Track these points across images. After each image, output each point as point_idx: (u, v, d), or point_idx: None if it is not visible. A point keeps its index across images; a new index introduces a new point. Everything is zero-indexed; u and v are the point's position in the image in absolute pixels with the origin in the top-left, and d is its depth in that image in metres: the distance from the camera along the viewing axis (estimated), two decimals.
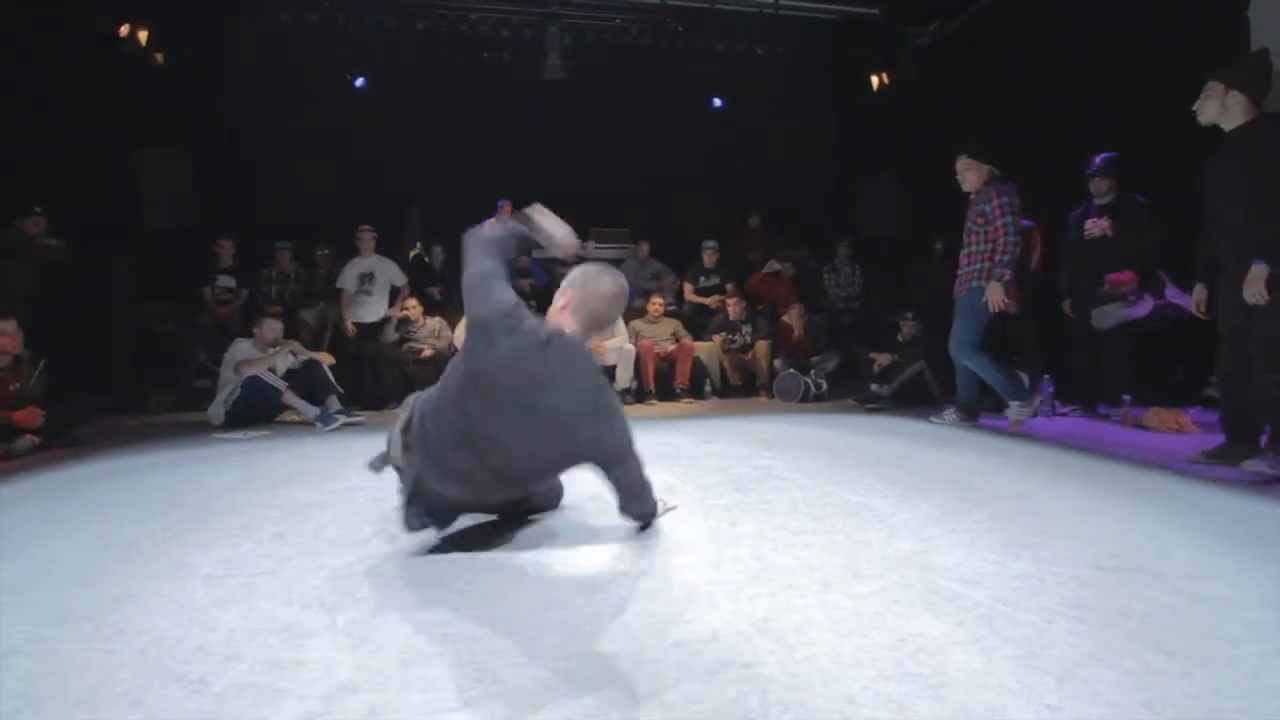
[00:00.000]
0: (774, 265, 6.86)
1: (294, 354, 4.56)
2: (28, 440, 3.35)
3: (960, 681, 1.10)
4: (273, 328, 4.64)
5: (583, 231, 7.43)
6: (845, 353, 6.00)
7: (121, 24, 6.11)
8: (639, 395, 5.48)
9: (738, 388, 5.88)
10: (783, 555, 1.72)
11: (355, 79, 8.04)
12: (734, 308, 6.05)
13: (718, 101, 8.62)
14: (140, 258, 5.83)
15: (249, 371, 4.30)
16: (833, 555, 1.71)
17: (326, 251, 6.49)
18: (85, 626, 1.37)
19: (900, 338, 5.42)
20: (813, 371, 5.63)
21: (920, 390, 5.03)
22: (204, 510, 2.29)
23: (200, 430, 4.26)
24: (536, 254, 7.24)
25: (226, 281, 6.04)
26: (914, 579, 1.54)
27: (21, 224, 5.00)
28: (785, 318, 5.99)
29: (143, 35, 6.18)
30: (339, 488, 2.57)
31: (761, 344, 5.86)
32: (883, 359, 5.25)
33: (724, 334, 5.92)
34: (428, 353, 5.37)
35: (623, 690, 1.09)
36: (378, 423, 4.54)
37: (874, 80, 7.48)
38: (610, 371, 5.39)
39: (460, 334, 5.36)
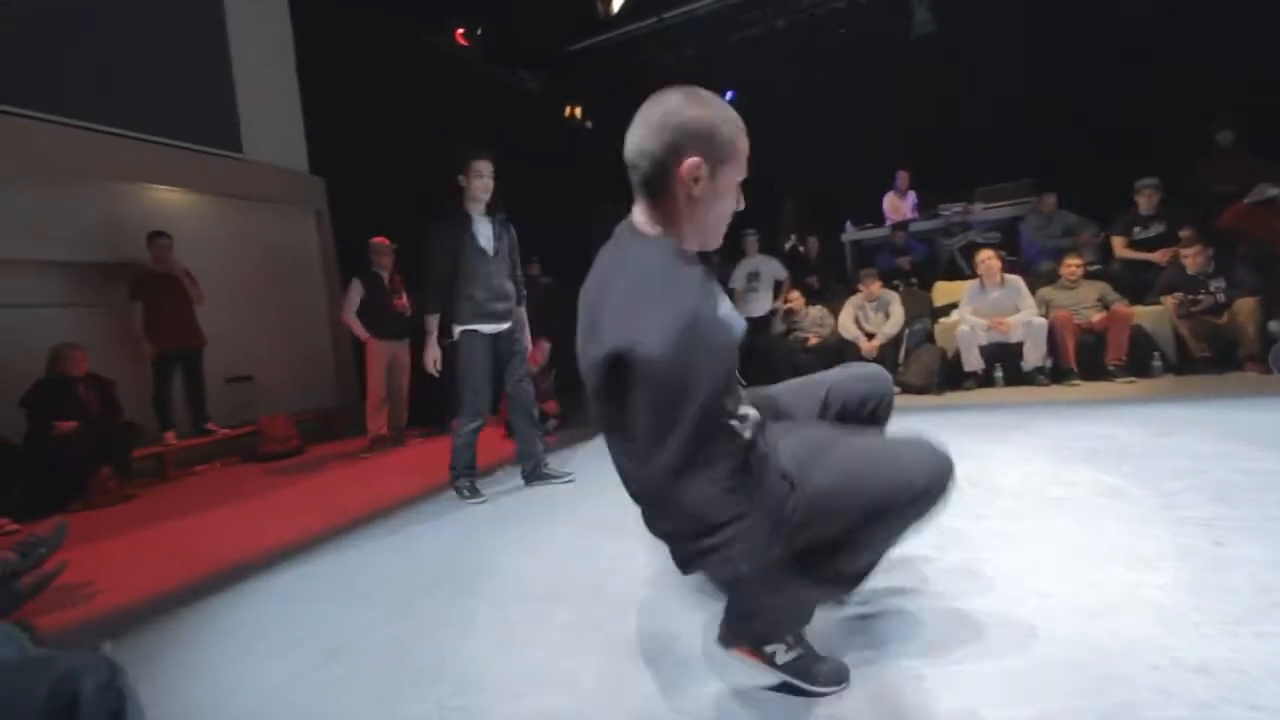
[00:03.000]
0: (1267, 190, 5.04)
1: None
2: (553, 423, 4.87)
3: None
4: None
5: (967, 194, 6.78)
6: None
7: (567, 106, 8.10)
8: (1056, 375, 4.76)
9: (1206, 361, 4.56)
10: None
11: (726, 94, 8.92)
12: (1194, 259, 4.71)
13: None
14: None
15: None
16: None
17: (717, 257, 7.41)
18: (641, 558, 2.04)
19: None
20: None
21: None
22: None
23: None
24: (914, 228, 6.92)
25: None
26: None
27: (527, 269, 7.12)
28: None
29: (578, 112, 8.06)
30: None
31: (1245, 302, 4.41)
32: None
33: (1180, 294, 4.67)
34: (814, 340, 5.69)
35: (1094, 698, 1.13)
36: None
37: None
38: (1017, 349, 4.85)
39: (845, 320, 5.53)
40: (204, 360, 5.01)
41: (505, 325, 3.13)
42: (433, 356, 3.09)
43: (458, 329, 3.04)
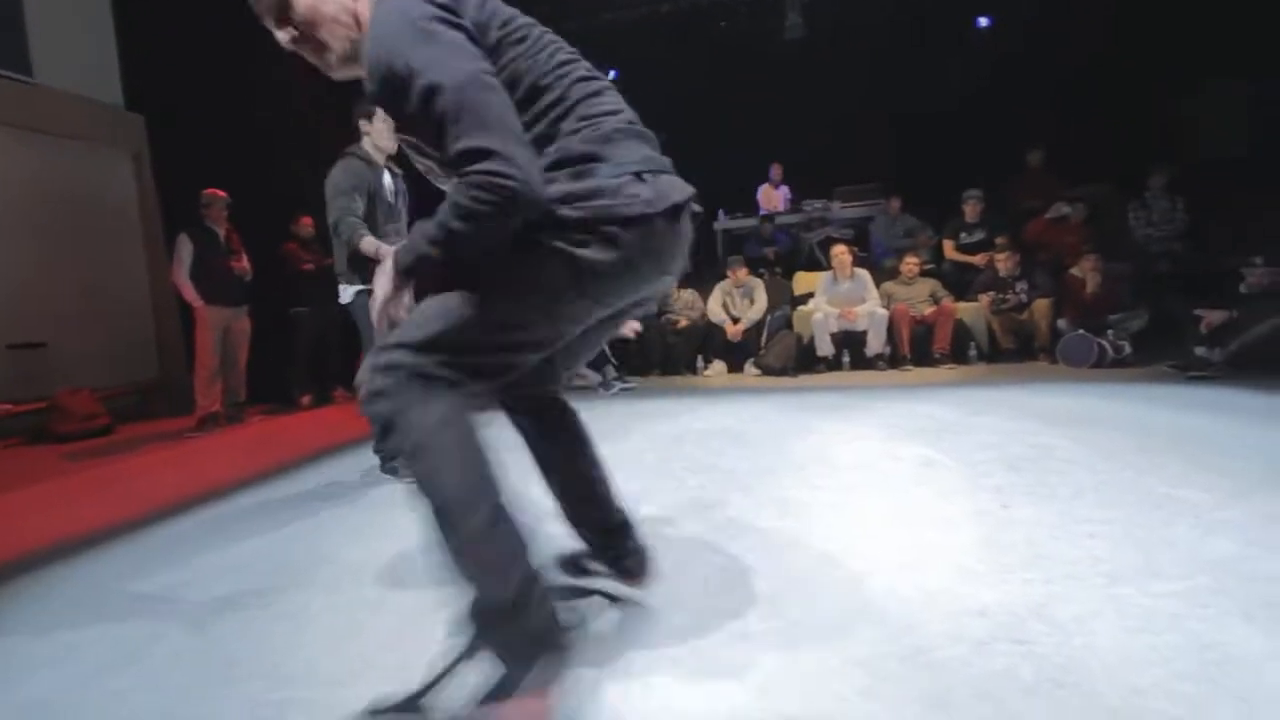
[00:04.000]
0: (1061, 209, 5.91)
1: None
2: None
3: None
4: None
5: (826, 191, 7.28)
6: (1157, 309, 4.99)
7: None
8: (893, 361, 5.30)
9: (1010, 352, 5.30)
10: (1063, 544, 1.68)
11: (609, 72, 8.86)
12: (1005, 263, 5.42)
13: (984, 21, 7.57)
14: None
15: None
16: (1126, 549, 1.63)
17: None
18: None
19: (1243, 288, 4.34)
20: (1110, 332, 4.82)
21: (1272, 356, 4.01)
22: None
23: None
24: (779, 220, 7.31)
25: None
26: (1232, 586, 1.41)
27: None
28: (1074, 270, 5.18)
29: None
30: (630, 448, 3.09)
31: (1041, 302, 5.17)
32: (1214, 316, 4.27)
33: (993, 293, 5.36)
34: (683, 323, 5.87)
35: (893, 644, 1.27)
36: (646, 387, 5.18)
37: None
38: (861, 337, 5.31)
39: (714, 305, 5.75)
40: None
41: None
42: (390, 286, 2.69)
43: (352, 290, 2.68)
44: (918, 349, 5.33)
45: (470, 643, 1.16)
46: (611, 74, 8.82)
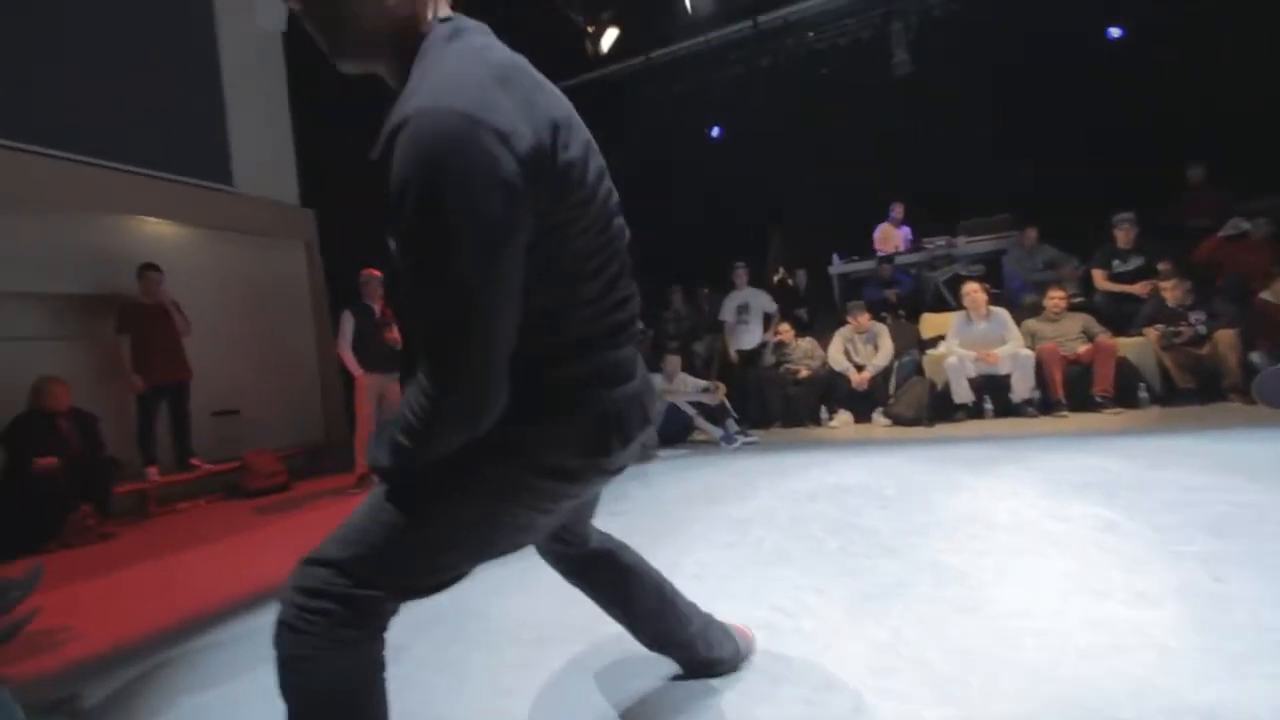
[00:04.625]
0: (1239, 224, 5.22)
1: (712, 390, 5.31)
2: None
3: None
4: (673, 361, 5.60)
5: (947, 228, 6.93)
6: None
7: None
8: (1045, 407, 4.81)
9: (1190, 393, 4.63)
10: None
11: (711, 129, 9.14)
12: (1173, 292, 4.82)
13: (1115, 31, 7.04)
14: None
15: (666, 399, 5.28)
16: None
17: (708, 290, 7.48)
18: None
19: None
20: None
21: None
22: (666, 518, 2.99)
23: None
24: (899, 260, 7.04)
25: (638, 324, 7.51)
26: None
27: None
28: (1265, 294, 4.50)
29: None
30: (760, 505, 3.02)
31: (1225, 334, 4.51)
32: None
33: (1162, 326, 4.76)
34: (803, 373, 5.72)
35: None
36: (768, 440, 5.06)
37: None
38: (1005, 381, 4.90)
39: (835, 352, 5.57)
40: (190, 393, 4.93)
41: None
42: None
43: None
44: (1074, 392, 4.81)
45: None
46: (715, 130, 9.10)
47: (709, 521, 2.84)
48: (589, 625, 1.89)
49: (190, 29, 5.57)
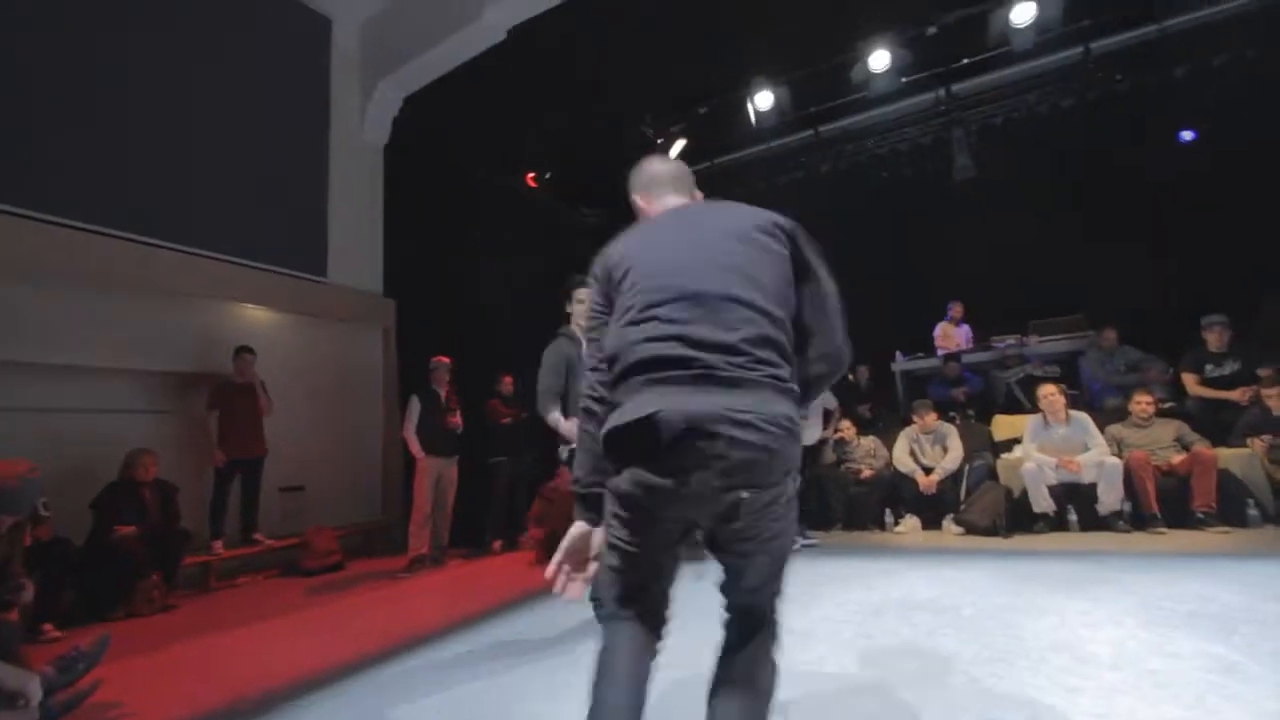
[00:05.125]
0: None
1: None
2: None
3: None
4: None
5: (1021, 326, 6.72)
6: None
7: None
8: (1138, 521, 4.40)
9: None
10: None
11: None
12: (1277, 399, 4.45)
13: (1187, 135, 6.95)
14: None
15: None
16: None
17: None
18: None
19: None
20: None
21: None
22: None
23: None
24: (967, 359, 6.83)
25: None
26: None
27: None
28: None
29: None
30: (822, 616, 2.82)
31: None
32: None
33: (1268, 437, 4.36)
34: (867, 473, 5.48)
35: None
36: (831, 543, 4.80)
37: None
38: (1090, 491, 4.53)
39: (900, 453, 5.34)
40: (263, 469, 5.16)
41: None
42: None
43: (565, 450, 2.83)
44: (1171, 507, 4.39)
45: None
46: None
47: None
48: None
49: (304, 135, 6.29)
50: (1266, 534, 4.06)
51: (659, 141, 7.20)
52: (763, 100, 7.06)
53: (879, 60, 6.55)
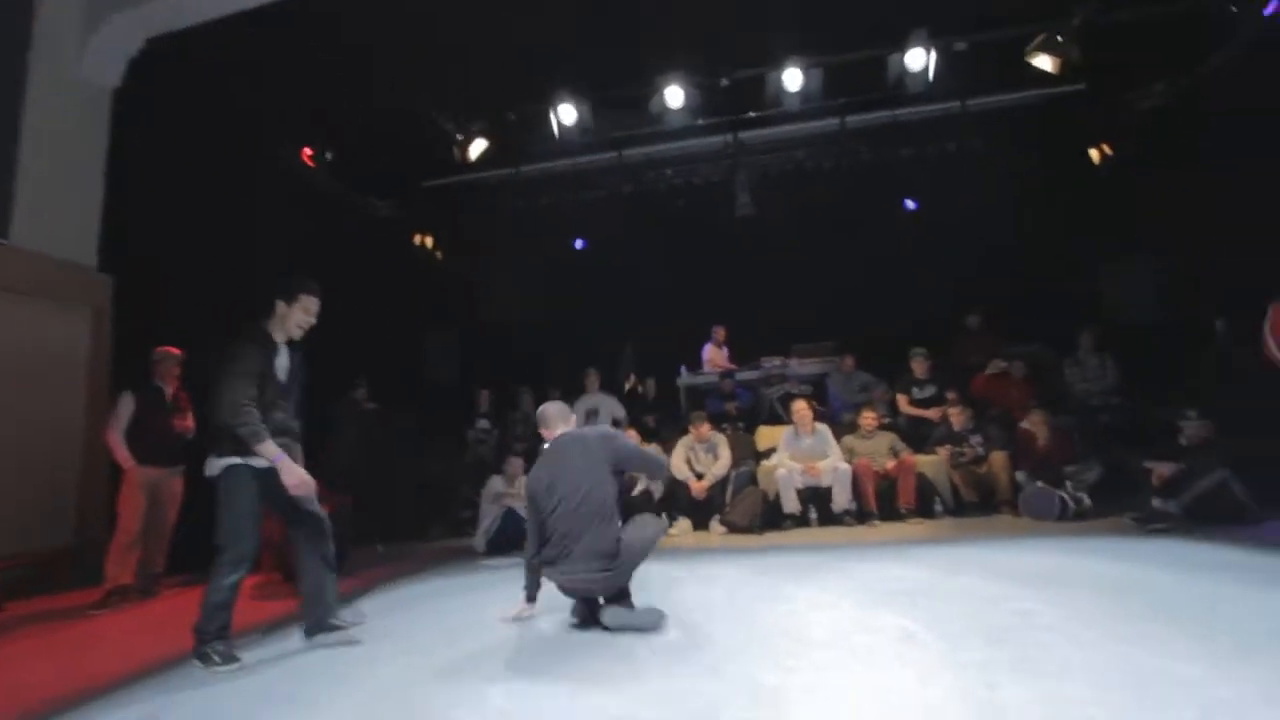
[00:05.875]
0: (998, 364, 6.27)
1: None
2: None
3: None
4: (515, 464, 5.40)
5: (785, 349, 7.61)
6: (1109, 461, 5.11)
7: (416, 234, 8.12)
8: (860, 516, 5.19)
9: (974, 505, 5.27)
10: None
11: (576, 242, 9.54)
12: (958, 418, 5.59)
13: (910, 204, 8.52)
14: (421, 410, 7.28)
15: (505, 504, 5.00)
16: None
17: (558, 392, 7.42)
18: None
19: (1184, 441, 4.52)
20: (1068, 484, 4.87)
21: (1224, 505, 4.09)
22: (490, 641, 2.68)
23: (467, 557, 4.98)
24: (739, 376, 7.53)
25: (483, 424, 7.21)
26: None
27: (351, 394, 6.59)
28: (1025, 424, 5.35)
29: (429, 241, 8.11)
30: (587, 630, 2.83)
31: (998, 455, 5.26)
32: (1163, 469, 4.37)
33: (950, 446, 5.45)
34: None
35: None
36: None
37: (1095, 154, 6.90)
38: (827, 493, 5.24)
39: (677, 460, 5.67)
40: None
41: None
42: (298, 473, 2.61)
43: (222, 463, 2.60)
44: (883, 504, 5.26)
45: None
46: (579, 243, 9.50)
47: (530, 642, 2.60)
48: None
49: None
50: (948, 525, 5.05)
51: (459, 138, 6.89)
52: (566, 115, 7.12)
53: (675, 97, 6.98)
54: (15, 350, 4.98)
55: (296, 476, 2.59)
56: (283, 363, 2.78)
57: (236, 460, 2.59)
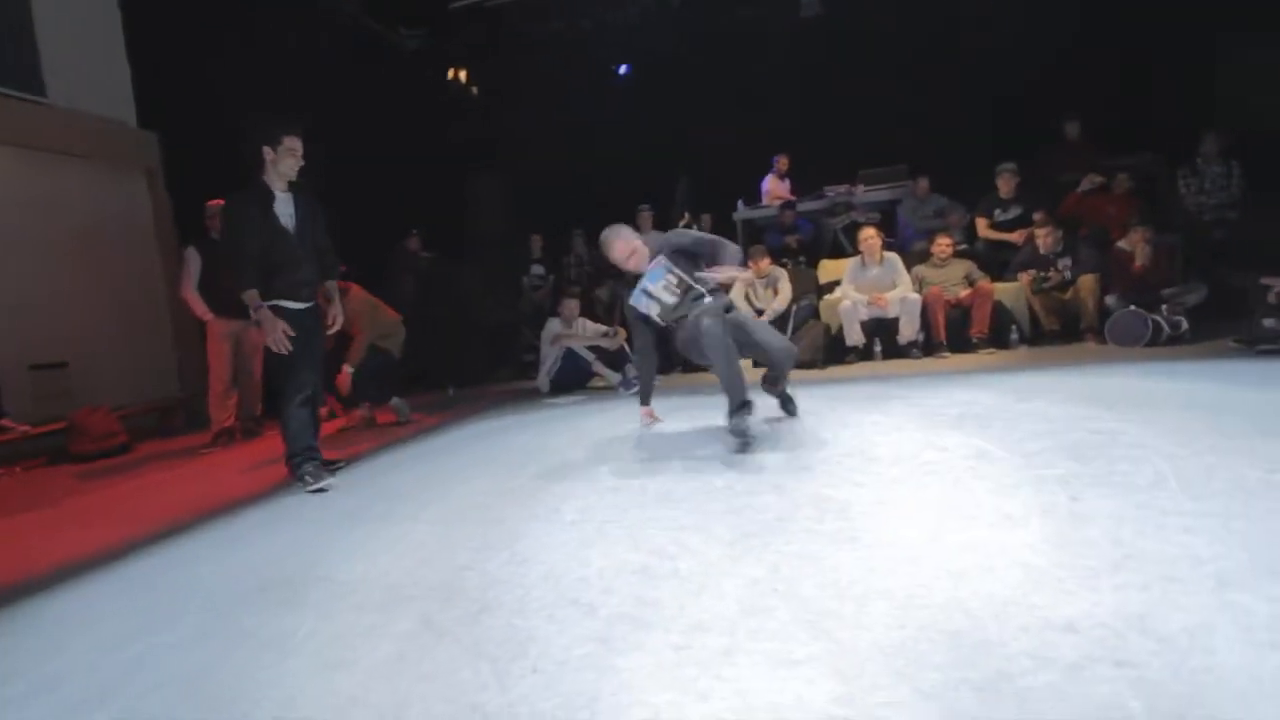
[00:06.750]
0: (1093, 179, 5.56)
1: (612, 334, 5.21)
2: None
3: None
4: (571, 306, 5.39)
5: (851, 176, 7.01)
6: (1217, 282, 4.63)
7: (449, 69, 7.57)
8: (928, 348, 5.01)
9: (1055, 334, 4.97)
10: (1153, 541, 1.45)
11: (619, 68, 8.71)
12: (1045, 239, 5.09)
13: None
14: (476, 257, 7.28)
15: (564, 344, 5.08)
16: (1231, 546, 1.39)
17: None
18: (501, 554, 1.83)
19: None
20: (1165, 308, 4.48)
21: None
22: (552, 463, 2.82)
23: (532, 397, 5.19)
24: (801, 207, 7.06)
25: (538, 270, 7.18)
26: None
27: (404, 243, 6.60)
28: (1121, 244, 4.84)
29: (463, 75, 7.56)
30: (651, 449, 2.91)
31: (1086, 279, 4.84)
32: None
33: (1033, 271, 5.04)
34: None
35: (969, 669, 1.06)
36: (669, 385, 4.99)
37: None
38: (893, 325, 5.04)
39: (735, 297, 5.51)
40: (2, 345, 4.17)
41: (310, 304, 2.95)
42: (278, 329, 2.72)
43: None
44: (954, 335, 5.04)
45: None
46: (623, 69, 8.68)
47: (596, 466, 2.70)
48: (447, 581, 1.70)
49: None
50: (1023, 354, 4.82)
51: None
52: None
53: None
54: (88, 216, 5.13)
55: (268, 335, 2.73)
56: (286, 209, 2.83)
57: (271, 303, 2.78)
